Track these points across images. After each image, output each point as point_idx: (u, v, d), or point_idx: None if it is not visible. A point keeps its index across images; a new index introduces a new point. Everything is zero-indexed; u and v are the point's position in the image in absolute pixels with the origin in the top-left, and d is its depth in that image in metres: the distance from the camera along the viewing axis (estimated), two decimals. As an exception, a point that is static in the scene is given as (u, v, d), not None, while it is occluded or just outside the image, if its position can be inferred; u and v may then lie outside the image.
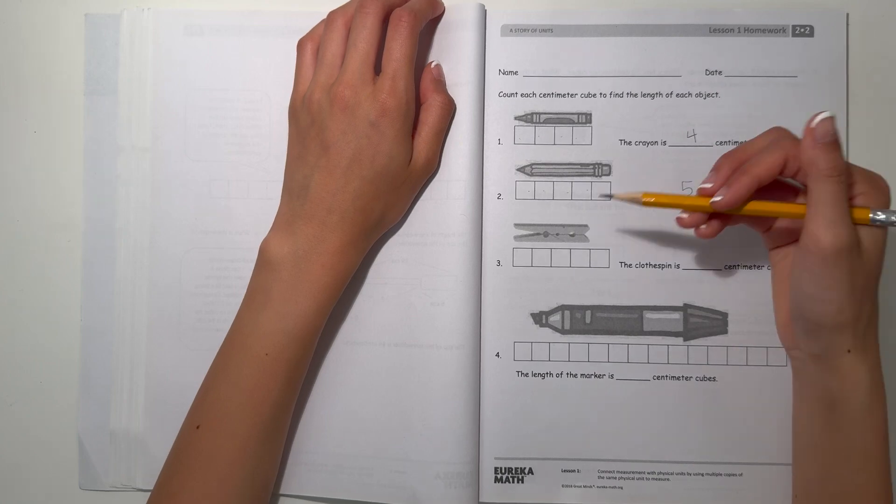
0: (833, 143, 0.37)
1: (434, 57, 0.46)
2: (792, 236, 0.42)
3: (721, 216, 0.41)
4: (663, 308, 0.46)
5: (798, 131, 0.46)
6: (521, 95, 0.47)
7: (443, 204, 0.46)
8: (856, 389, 0.39)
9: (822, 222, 0.37)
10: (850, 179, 0.38)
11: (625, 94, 0.47)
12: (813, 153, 0.37)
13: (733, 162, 0.40)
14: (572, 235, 0.46)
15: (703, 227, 0.41)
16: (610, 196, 0.44)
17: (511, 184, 0.47)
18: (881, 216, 0.38)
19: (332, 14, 0.44)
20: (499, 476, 0.46)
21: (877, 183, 0.39)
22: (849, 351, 0.39)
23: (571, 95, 0.47)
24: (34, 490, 0.48)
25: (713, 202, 0.39)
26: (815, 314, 0.39)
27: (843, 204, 0.37)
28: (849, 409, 0.39)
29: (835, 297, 0.38)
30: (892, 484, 0.40)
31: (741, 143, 0.46)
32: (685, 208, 0.41)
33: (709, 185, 0.40)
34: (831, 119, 0.37)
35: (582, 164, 0.47)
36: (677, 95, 0.46)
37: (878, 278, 0.39)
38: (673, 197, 0.41)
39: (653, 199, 0.41)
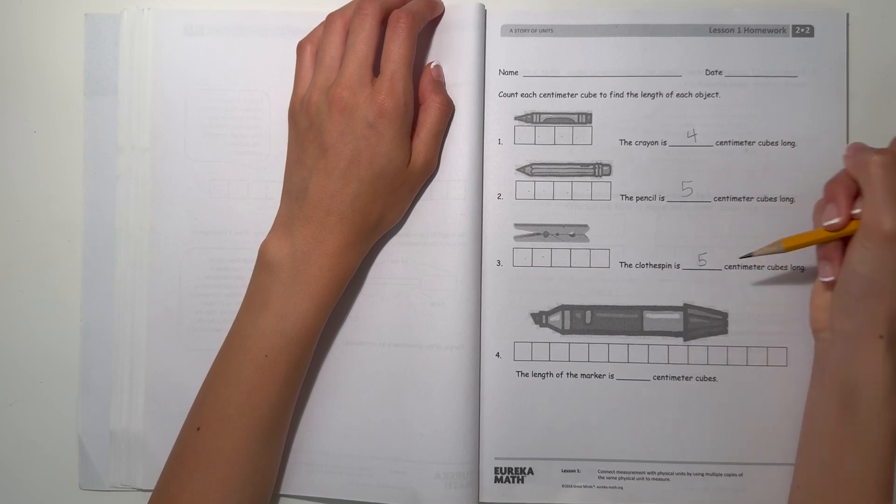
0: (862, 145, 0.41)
1: (434, 57, 0.46)
2: None
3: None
4: (663, 308, 0.46)
5: (798, 130, 0.46)
6: (521, 95, 0.47)
7: (443, 204, 0.46)
8: (878, 376, 0.40)
9: (880, 206, 0.38)
10: None
11: (625, 94, 0.46)
12: (857, 154, 0.40)
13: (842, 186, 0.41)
14: (572, 235, 0.46)
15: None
16: (750, 254, 0.45)
17: (511, 184, 0.46)
18: None
19: (330, 16, 0.44)
20: (499, 476, 0.46)
21: None
22: (881, 336, 0.40)
23: (571, 95, 0.47)
24: (34, 490, 0.48)
25: (827, 225, 0.41)
26: (860, 291, 0.40)
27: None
28: (868, 396, 0.40)
29: (887, 280, 0.39)
30: (893, 474, 0.40)
31: (742, 143, 0.46)
32: (824, 241, 0.42)
33: (836, 220, 0.41)
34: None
35: (582, 164, 0.46)
36: (677, 95, 0.46)
37: None
38: (811, 235, 0.42)
39: (794, 243, 0.42)
